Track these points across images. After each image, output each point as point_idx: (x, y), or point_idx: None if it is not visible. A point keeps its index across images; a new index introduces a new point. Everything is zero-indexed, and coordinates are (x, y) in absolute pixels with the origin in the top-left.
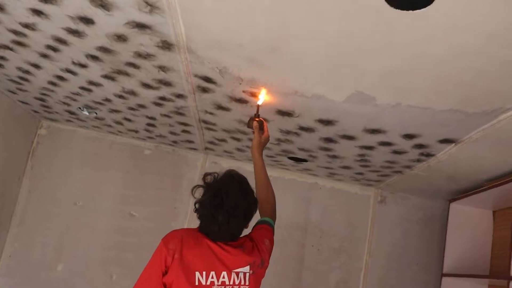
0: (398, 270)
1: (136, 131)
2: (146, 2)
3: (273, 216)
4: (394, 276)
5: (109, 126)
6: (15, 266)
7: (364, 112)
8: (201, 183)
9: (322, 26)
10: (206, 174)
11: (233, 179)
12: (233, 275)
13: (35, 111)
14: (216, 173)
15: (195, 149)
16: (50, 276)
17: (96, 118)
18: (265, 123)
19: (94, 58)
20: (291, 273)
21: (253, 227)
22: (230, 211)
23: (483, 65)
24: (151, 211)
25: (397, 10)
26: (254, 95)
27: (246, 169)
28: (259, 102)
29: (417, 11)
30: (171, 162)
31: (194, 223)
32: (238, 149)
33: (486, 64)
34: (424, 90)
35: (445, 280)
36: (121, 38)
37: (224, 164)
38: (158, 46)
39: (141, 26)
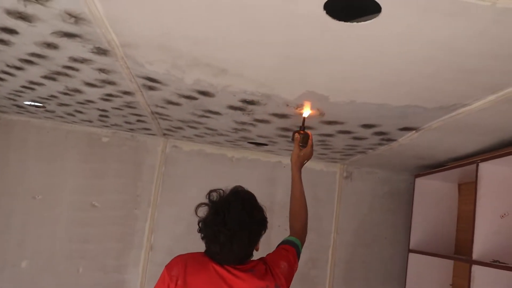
0: (366, 246)
1: (90, 121)
2: (69, 14)
3: (301, 235)
4: (363, 252)
5: (62, 117)
6: None
7: (318, 107)
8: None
9: (263, 37)
10: (211, 191)
11: (238, 195)
12: None
13: None
14: (221, 189)
15: (154, 134)
16: (14, 273)
17: (46, 111)
18: (310, 137)
19: (29, 62)
20: (258, 255)
21: (277, 246)
22: (232, 230)
23: (434, 71)
24: (113, 200)
25: (341, 22)
26: (203, 93)
27: (207, 151)
28: (305, 115)
29: (362, 23)
30: (130, 148)
31: (158, 210)
32: (197, 135)
33: (438, 70)
34: (377, 91)
35: (411, 256)
36: (51, 45)
37: (185, 148)
38: (93, 52)
39: (70, 35)
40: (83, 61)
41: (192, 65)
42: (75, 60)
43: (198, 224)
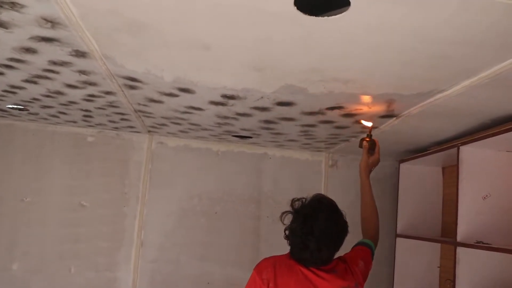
0: (354, 232)
1: (75, 122)
2: (45, 19)
3: (374, 238)
4: (351, 238)
5: (46, 119)
6: None
7: (297, 100)
8: (289, 208)
9: (237, 34)
10: (293, 200)
11: (322, 204)
12: None
13: None
14: (304, 198)
15: (139, 132)
16: (5, 276)
17: (30, 113)
18: (377, 144)
19: (8, 67)
20: (248, 246)
21: (352, 247)
22: (321, 238)
23: (407, 59)
24: (102, 198)
25: (311, 16)
26: (183, 90)
27: (193, 146)
28: (369, 124)
29: (333, 16)
30: (116, 146)
31: (147, 206)
32: (181, 131)
33: (412, 58)
34: (355, 81)
35: (399, 240)
36: (29, 50)
37: (171, 144)
38: (72, 55)
39: (47, 40)
40: (62, 64)
41: (169, 64)
42: (54, 63)
43: (285, 232)
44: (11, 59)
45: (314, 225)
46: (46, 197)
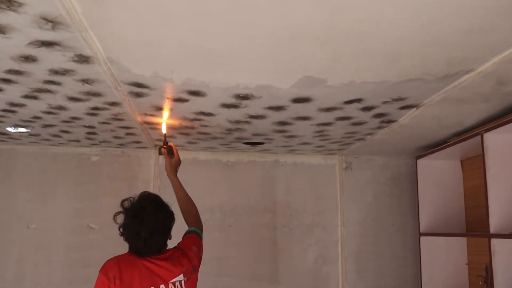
0: (374, 235)
1: (78, 141)
2: (45, 19)
3: (198, 224)
4: (371, 241)
5: (47, 140)
6: None
7: (315, 94)
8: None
9: (252, 18)
10: (123, 201)
11: (148, 198)
12: (170, 285)
13: None
14: (132, 197)
15: (145, 147)
16: None
17: (31, 135)
18: (174, 148)
19: (7, 81)
20: (267, 258)
21: (182, 237)
22: (150, 226)
23: (436, 36)
24: (110, 219)
25: None
26: (194, 93)
27: (201, 158)
28: (164, 131)
29: None
30: (122, 164)
31: None
32: (189, 142)
33: (437, 34)
34: (377, 67)
35: (423, 239)
36: (29, 58)
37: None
38: (74, 61)
39: (48, 44)
40: (64, 72)
41: (180, 64)
42: (56, 72)
43: (119, 229)
44: (10, 71)
45: (143, 216)
46: (53, 222)
